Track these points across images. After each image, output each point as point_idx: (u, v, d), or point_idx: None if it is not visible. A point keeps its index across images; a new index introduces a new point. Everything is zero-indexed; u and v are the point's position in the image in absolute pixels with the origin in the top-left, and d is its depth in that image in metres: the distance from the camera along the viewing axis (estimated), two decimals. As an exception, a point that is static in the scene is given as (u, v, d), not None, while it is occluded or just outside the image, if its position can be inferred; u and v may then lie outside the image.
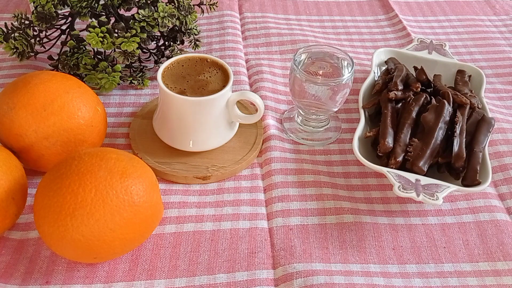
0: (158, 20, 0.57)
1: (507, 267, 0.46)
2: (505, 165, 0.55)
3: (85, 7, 0.58)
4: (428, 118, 0.51)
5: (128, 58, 0.58)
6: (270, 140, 0.57)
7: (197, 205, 0.50)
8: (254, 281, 0.43)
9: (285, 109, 0.62)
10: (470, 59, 0.74)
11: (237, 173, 0.54)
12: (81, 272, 0.43)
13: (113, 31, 0.57)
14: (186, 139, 0.53)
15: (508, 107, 0.65)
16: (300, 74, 0.53)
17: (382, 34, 0.79)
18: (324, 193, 0.52)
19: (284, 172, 0.54)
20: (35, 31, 0.61)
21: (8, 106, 0.46)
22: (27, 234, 0.46)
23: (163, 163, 0.53)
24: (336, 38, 0.77)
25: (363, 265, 0.46)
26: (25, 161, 0.48)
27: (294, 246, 0.46)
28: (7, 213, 0.42)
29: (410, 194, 0.45)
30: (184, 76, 0.53)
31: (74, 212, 0.38)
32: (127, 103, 0.61)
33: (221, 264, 0.45)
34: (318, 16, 0.82)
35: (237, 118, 0.55)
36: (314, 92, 0.54)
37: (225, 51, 0.71)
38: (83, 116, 0.47)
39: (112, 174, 0.39)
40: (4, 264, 0.44)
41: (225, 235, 0.47)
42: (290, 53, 0.72)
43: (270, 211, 0.50)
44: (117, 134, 0.57)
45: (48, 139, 0.46)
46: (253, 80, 0.66)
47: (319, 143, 0.58)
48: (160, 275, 0.44)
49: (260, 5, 0.83)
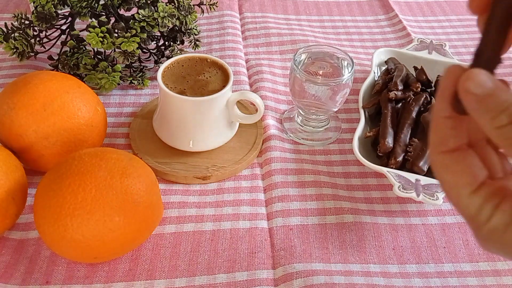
0: (158, 20, 0.57)
1: (507, 267, 0.46)
2: (505, 165, 0.55)
3: (85, 7, 0.58)
4: (428, 118, 0.51)
5: (128, 58, 0.58)
6: (270, 140, 0.57)
7: (197, 205, 0.50)
8: (254, 281, 0.43)
9: (285, 109, 0.62)
10: (470, 59, 0.74)
11: (237, 173, 0.54)
12: (81, 272, 0.43)
13: (113, 31, 0.57)
14: (186, 139, 0.53)
15: (508, 107, 0.65)
16: (300, 74, 0.53)
17: (382, 34, 0.79)
18: (324, 193, 0.52)
19: (284, 172, 0.54)
20: (35, 31, 0.61)
21: (8, 106, 0.46)
22: (27, 234, 0.46)
23: (163, 163, 0.53)
24: (336, 38, 0.77)
25: (363, 265, 0.46)
26: (25, 161, 0.48)
27: (294, 246, 0.46)
28: (7, 213, 0.42)
29: (410, 194, 0.45)
30: (184, 76, 0.53)
31: (74, 212, 0.38)
32: (127, 103, 0.61)
33: (221, 264, 0.45)
34: (318, 16, 0.82)
35: (237, 118, 0.55)
36: (314, 92, 0.54)
37: (225, 51, 0.71)
38: (83, 116, 0.47)
39: (112, 174, 0.39)
40: (4, 264, 0.44)
41: (225, 235, 0.47)
42: (290, 53, 0.72)
43: (270, 211, 0.50)
44: (117, 134, 0.57)
45: (48, 139, 0.46)
46: (253, 80, 0.66)
47: (319, 143, 0.58)
48: (160, 275, 0.44)
49: (260, 5, 0.83)
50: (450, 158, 0.28)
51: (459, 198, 0.27)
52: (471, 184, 0.27)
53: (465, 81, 0.25)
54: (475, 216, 0.27)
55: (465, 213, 0.28)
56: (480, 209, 0.27)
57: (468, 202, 0.27)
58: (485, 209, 0.26)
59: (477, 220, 0.27)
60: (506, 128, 0.24)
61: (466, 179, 0.27)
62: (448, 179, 0.28)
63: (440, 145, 0.28)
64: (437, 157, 0.28)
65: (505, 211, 0.26)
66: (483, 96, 0.25)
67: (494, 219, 0.26)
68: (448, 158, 0.28)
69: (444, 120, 0.27)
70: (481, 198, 0.27)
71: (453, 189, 0.28)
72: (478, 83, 0.25)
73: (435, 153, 0.28)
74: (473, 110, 0.25)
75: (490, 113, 0.24)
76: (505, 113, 0.24)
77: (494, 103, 0.24)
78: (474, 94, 0.25)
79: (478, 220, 0.27)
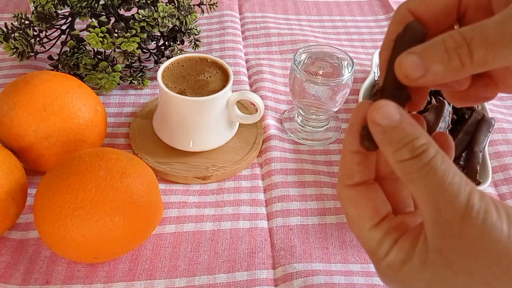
0: (158, 20, 0.57)
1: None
2: (505, 165, 0.55)
3: (85, 7, 0.58)
4: (428, 118, 0.51)
5: (128, 58, 0.58)
6: (270, 140, 0.57)
7: (197, 205, 0.50)
8: (254, 281, 0.43)
9: (285, 109, 0.62)
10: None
11: (237, 173, 0.54)
12: (81, 272, 0.43)
13: (113, 31, 0.57)
14: (186, 139, 0.53)
15: (508, 107, 0.65)
16: (300, 74, 0.53)
17: (382, 34, 0.79)
18: (324, 193, 0.52)
19: (284, 172, 0.54)
20: (35, 31, 0.61)
21: (8, 106, 0.46)
22: (27, 234, 0.46)
23: (163, 163, 0.53)
24: (336, 38, 0.77)
25: (363, 265, 0.46)
26: (25, 161, 0.48)
27: (294, 246, 0.46)
28: (7, 213, 0.42)
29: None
30: (184, 76, 0.53)
31: (74, 212, 0.38)
32: (127, 103, 0.61)
33: (221, 264, 0.45)
34: (318, 16, 0.82)
35: (237, 118, 0.55)
36: (314, 92, 0.54)
37: (225, 51, 0.71)
38: (83, 116, 0.47)
39: (112, 174, 0.39)
40: (4, 264, 0.44)
41: (225, 235, 0.47)
42: (290, 53, 0.72)
43: (270, 211, 0.50)
44: (117, 134, 0.57)
45: (48, 139, 0.46)
46: (253, 80, 0.66)
47: (319, 143, 0.58)
48: (160, 275, 0.44)
49: (260, 5, 0.83)
50: (355, 192, 0.28)
51: (361, 232, 0.27)
52: (372, 218, 0.27)
53: (372, 111, 0.25)
54: (375, 251, 0.27)
55: (366, 247, 0.28)
56: (379, 243, 0.26)
57: (369, 236, 0.27)
58: (384, 244, 0.26)
59: (377, 254, 0.27)
60: (407, 163, 0.24)
61: (368, 213, 0.27)
62: (351, 212, 0.28)
63: (345, 179, 0.28)
64: (342, 189, 0.28)
65: (403, 247, 0.26)
66: (388, 128, 0.24)
67: (391, 254, 0.26)
68: (352, 191, 0.28)
69: (351, 154, 0.27)
70: (381, 232, 0.27)
71: (356, 222, 0.28)
72: (384, 115, 0.24)
73: (341, 186, 0.28)
74: (379, 142, 0.25)
75: (393, 146, 0.24)
76: (407, 147, 0.24)
77: (398, 136, 0.24)
78: (379, 125, 0.24)
79: (377, 255, 0.27)
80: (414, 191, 0.24)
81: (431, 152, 0.24)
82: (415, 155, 0.24)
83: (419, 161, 0.24)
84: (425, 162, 0.23)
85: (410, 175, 0.24)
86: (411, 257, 0.25)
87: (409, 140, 0.24)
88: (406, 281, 0.26)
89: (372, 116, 0.25)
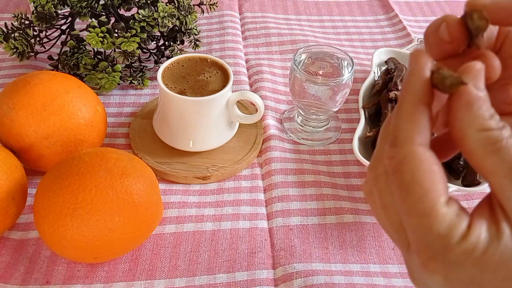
0: (158, 20, 0.57)
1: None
2: (505, 165, 0.55)
3: (85, 7, 0.58)
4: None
5: (128, 58, 0.58)
6: (270, 140, 0.57)
7: (197, 205, 0.50)
8: (254, 281, 0.43)
9: (285, 109, 0.62)
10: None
11: (237, 173, 0.54)
12: (81, 272, 0.43)
13: (113, 31, 0.57)
14: (186, 139, 0.53)
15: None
16: (300, 74, 0.53)
17: (382, 34, 0.79)
18: (324, 193, 0.52)
19: (284, 172, 0.54)
20: (35, 31, 0.61)
21: (8, 106, 0.46)
22: (27, 234, 0.46)
23: (163, 163, 0.53)
24: (336, 38, 0.77)
25: (363, 265, 0.46)
26: (25, 161, 0.48)
27: (294, 246, 0.46)
28: (7, 213, 0.42)
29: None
30: (184, 76, 0.53)
31: (74, 212, 0.38)
32: (127, 103, 0.61)
33: (221, 264, 0.45)
34: (318, 16, 0.82)
35: (237, 118, 0.55)
36: (314, 92, 0.54)
37: (225, 51, 0.71)
38: (83, 116, 0.47)
39: (112, 174, 0.39)
40: (4, 264, 0.44)
41: (225, 235, 0.47)
42: (290, 53, 0.72)
43: (270, 211, 0.50)
44: (117, 134, 0.57)
45: (48, 139, 0.46)
46: (253, 80, 0.66)
47: (319, 143, 0.58)
48: (160, 275, 0.44)
49: (260, 5, 0.83)
50: (430, 155, 0.24)
51: (433, 207, 0.23)
52: (446, 192, 0.23)
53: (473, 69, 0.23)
54: (447, 233, 0.22)
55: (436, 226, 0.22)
56: (456, 222, 0.22)
57: (444, 212, 0.22)
58: (462, 222, 0.22)
59: (448, 237, 0.22)
60: (493, 132, 0.23)
61: (442, 185, 0.23)
62: (424, 180, 0.23)
63: (418, 136, 0.24)
64: (416, 148, 0.23)
65: (483, 226, 0.22)
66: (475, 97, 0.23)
67: (474, 234, 0.22)
68: (428, 154, 0.24)
69: (423, 107, 0.24)
70: (456, 210, 0.23)
71: (429, 194, 0.23)
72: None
73: (413, 145, 0.24)
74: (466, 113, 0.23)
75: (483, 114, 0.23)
76: (493, 118, 0.23)
77: (487, 107, 0.23)
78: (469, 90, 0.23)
79: (451, 237, 0.22)
80: (495, 164, 0.22)
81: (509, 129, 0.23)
82: (500, 127, 0.23)
83: (506, 131, 0.23)
84: (509, 134, 0.23)
85: (494, 145, 0.22)
86: (500, 235, 0.22)
87: (494, 112, 0.23)
88: (489, 266, 0.22)
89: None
